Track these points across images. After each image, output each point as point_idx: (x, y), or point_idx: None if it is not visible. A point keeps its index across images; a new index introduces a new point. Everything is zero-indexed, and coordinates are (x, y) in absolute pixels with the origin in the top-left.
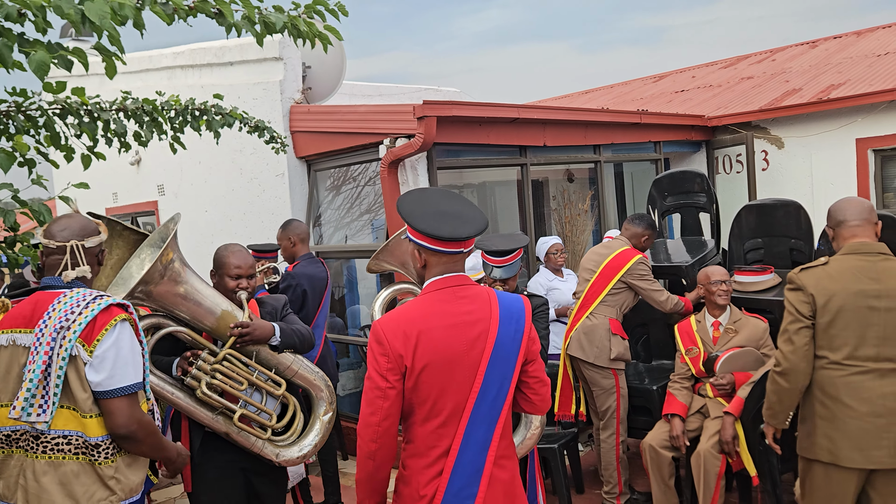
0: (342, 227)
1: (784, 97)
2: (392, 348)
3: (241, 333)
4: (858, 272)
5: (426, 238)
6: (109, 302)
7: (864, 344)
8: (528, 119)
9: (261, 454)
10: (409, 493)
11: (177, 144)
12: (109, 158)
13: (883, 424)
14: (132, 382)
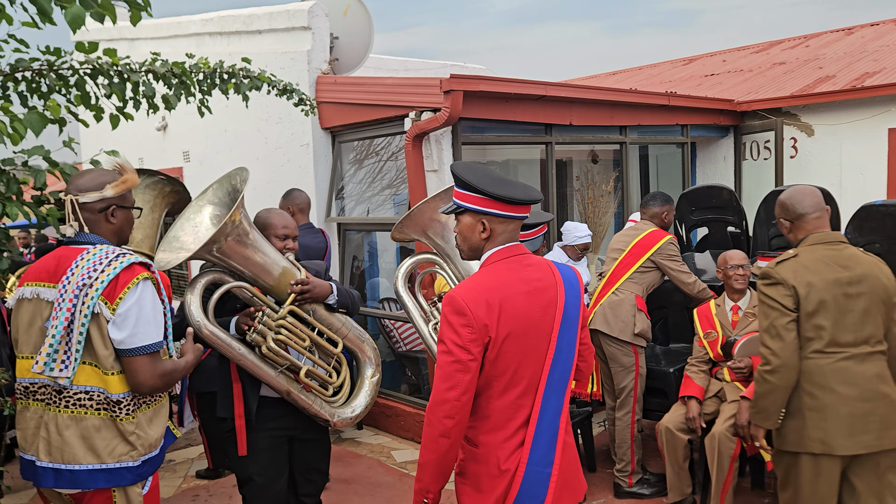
0: (364, 200)
1: (816, 84)
2: (476, 318)
3: (302, 290)
4: (829, 261)
5: (501, 204)
6: (132, 260)
7: (843, 330)
8: (554, 97)
9: (318, 415)
10: (486, 470)
11: (204, 108)
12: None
13: (869, 408)
14: (154, 341)
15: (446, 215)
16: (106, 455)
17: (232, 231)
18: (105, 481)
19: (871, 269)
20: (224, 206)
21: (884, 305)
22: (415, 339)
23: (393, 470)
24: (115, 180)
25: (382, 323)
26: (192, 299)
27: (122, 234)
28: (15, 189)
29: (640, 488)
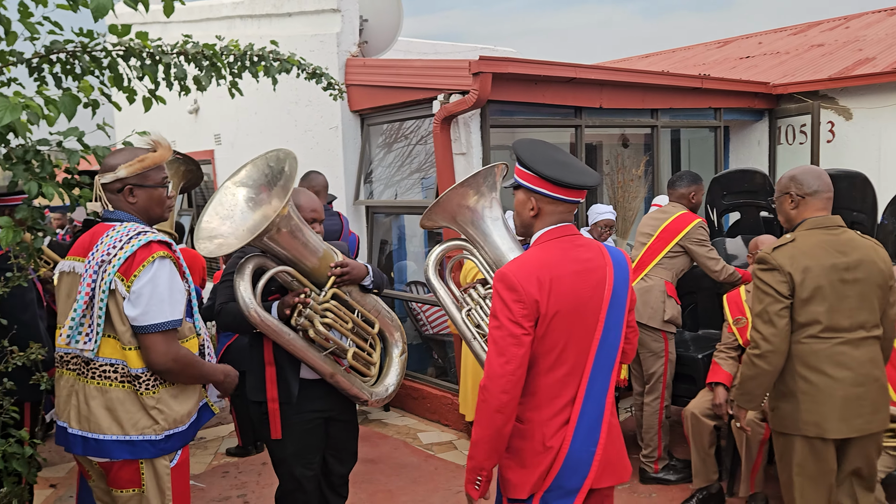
0: (392, 183)
1: (856, 66)
2: (527, 294)
3: (342, 273)
4: (827, 246)
5: (550, 185)
6: (150, 238)
7: (840, 315)
8: (584, 79)
9: (358, 395)
10: (530, 446)
11: (234, 89)
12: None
13: (862, 392)
14: (167, 319)
15: (475, 201)
16: (129, 427)
17: (282, 220)
18: (129, 453)
19: (868, 254)
20: (259, 189)
21: (880, 290)
22: (442, 322)
23: (419, 451)
24: (131, 160)
25: (410, 306)
26: (241, 284)
27: (149, 212)
28: (49, 170)
29: (665, 474)
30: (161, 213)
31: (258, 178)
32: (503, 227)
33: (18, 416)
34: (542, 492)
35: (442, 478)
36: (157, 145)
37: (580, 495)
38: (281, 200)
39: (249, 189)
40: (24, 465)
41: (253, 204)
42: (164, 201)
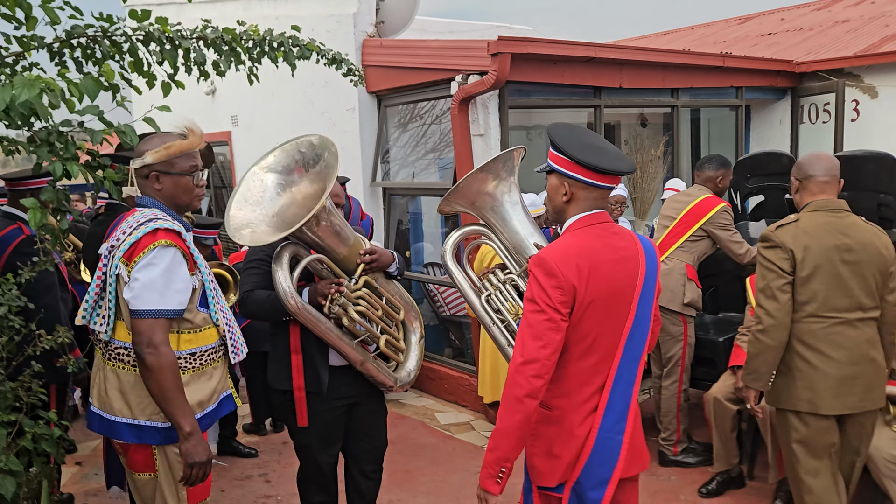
0: (408, 164)
1: (882, 43)
2: (566, 280)
3: (371, 260)
4: (830, 227)
5: (584, 170)
6: (156, 226)
7: (838, 296)
8: (604, 59)
9: (385, 381)
10: (558, 434)
11: (253, 76)
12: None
13: (857, 371)
14: (155, 308)
15: (494, 186)
16: (138, 411)
17: (322, 212)
18: (136, 437)
19: (871, 238)
20: (289, 175)
21: (880, 274)
22: (458, 303)
23: (436, 432)
24: (158, 146)
25: (426, 287)
26: (280, 272)
27: (175, 200)
28: (72, 151)
29: (685, 457)
30: (189, 202)
31: (289, 163)
32: (522, 211)
33: (46, 399)
34: (573, 482)
35: (460, 458)
36: (190, 132)
37: (611, 484)
38: (318, 189)
39: (279, 175)
40: (52, 445)
41: (282, 190)
42: (192, 189)
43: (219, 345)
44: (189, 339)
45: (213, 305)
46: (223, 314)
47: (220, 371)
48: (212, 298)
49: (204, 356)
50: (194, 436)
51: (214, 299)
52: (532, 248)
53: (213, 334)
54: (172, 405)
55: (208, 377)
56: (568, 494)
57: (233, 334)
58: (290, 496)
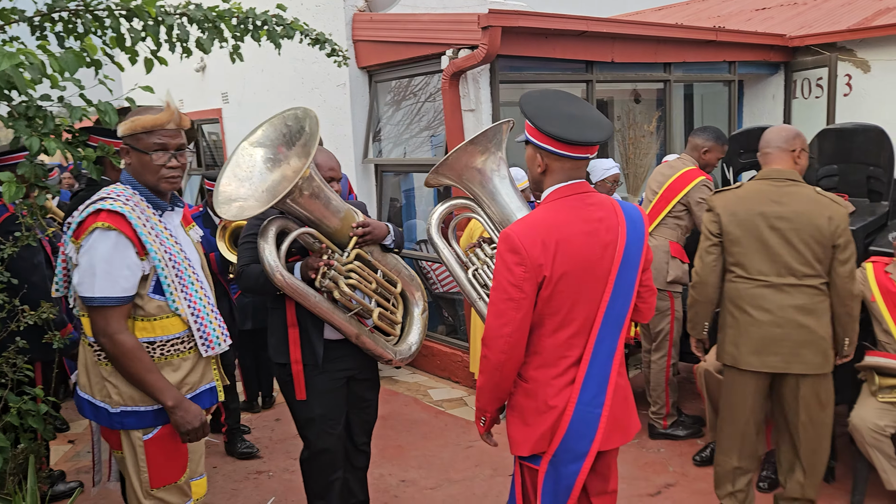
0: (401, 141)
1: (876, 16)
2: (530, 257)
3: (364, 233)
4: (764, 195)
5: (552, 141)
6: (100, 206)
7: (763, 259)
8: (596, 33)
9: (383, 355)
10: (533, 405)
11: (236, 55)
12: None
13: (780, 334)
14: (97, 295)
15: (483, 160)
16: (96, 391)
17: (304, 182)
18: (92, 415)
19: (807, 208)
20: (276, 149)
21: (817, 244)
22: (451, 280)
23: (429, 407)
24: (128, 119)
25: (419, 264)
26: (266, 246)
27: (142, 178)
28: (51, 126)
29: (674, 430)
30: (154, 183)
31: (276, 137)
32: (510, 185)
33: (32, 375)
34: (551, 455)
35: (452, 433)
36: (165, 107)
37: (588, 458)
38: (302, 161)
39: (267, 149)
40: (38, 421)
41: (272, 164)
42: (157, 170)
43: (187, 335)
44: (144, 328)
45: (171, 294)
46: (189, 302)
47: (190, 362)
48: (168, 285)
49: (165, 346)
50: (179, 407)
51: (173, 286)
52: None
53: (174, 324)
54: (146, 385)
55: (173, 368)
56: (545, 468)
57: (202, 324)
58: (281, 471)
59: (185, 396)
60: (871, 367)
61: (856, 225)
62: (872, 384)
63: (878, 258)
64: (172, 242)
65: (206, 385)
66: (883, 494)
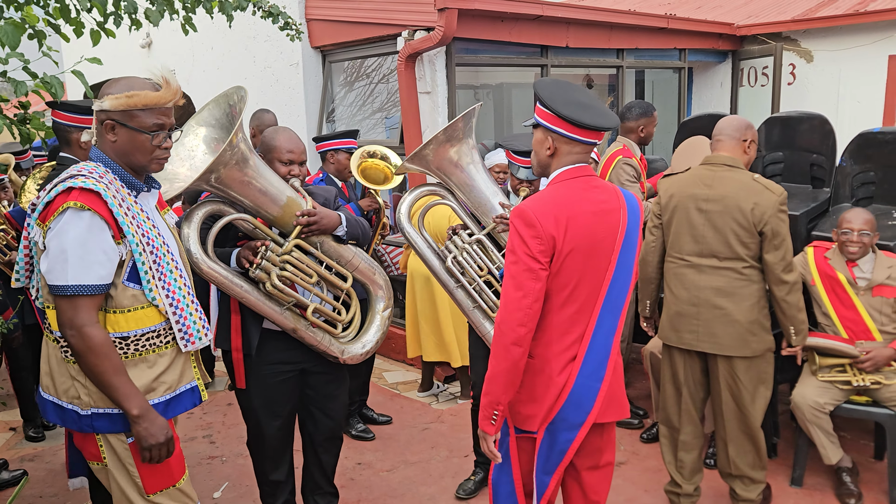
0: (355, 123)
1: (819, 7)
2: (545, 230)
3: (309, 222)
4: (698, 179)
5: (567, 125)
6: (71, 184)
7: (688, 240)
8: (551, 17)
9: (327, 352)
10: (540, 381)
11: (188, 26)
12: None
13: (694, 312)
14: (73, 283)
15: (457, 149)
16: (61, 392)
17: (230, 158)
18: (59, 419)
19: (733, 192)
20: (221, 129)
21: (742, 229)
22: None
23: (384, 390)
24: (121, 92)
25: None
26: (189, 233)
27: (129, 158)
28: None
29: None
30: (145, 163)
31: (220, 116)
32: (484, 171)
33: None
34: (548, 423)
35: (408, 415)
36: (165, 85)
37: (584, 428)
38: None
39: (211, 129)
40: None
41: (215, 144)
42: (151, 151)
43: (164, 328)
44: (115, 322)
45: (147, 282)
46: (168, 292)
47: (167, 358)
48: (145, 273)
49: (140, 341)
50: (144, 417)
51: (151, 273)
52: (498, 208)
53: (150, 315)
54: (112, 389)
55: (148, 365)
56: (542, 435)
57: (181, 317)
58: (234, 456)
59: (164, 398)
60: (811, 348)
61: (799, 210)
62: (813, 364)
63: (819, 243)
64: (150, 226)
65: (187, 385)
66: (822, 469)
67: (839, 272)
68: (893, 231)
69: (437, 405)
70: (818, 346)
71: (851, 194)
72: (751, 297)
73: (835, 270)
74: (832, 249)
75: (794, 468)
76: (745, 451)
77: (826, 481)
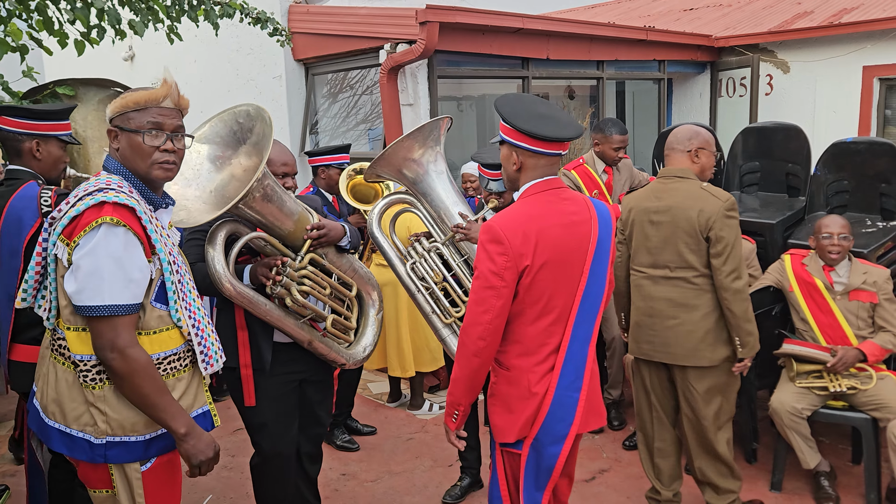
0: (339, 135)
1: (795, 20)
2: (512, 247)
3: (319, 235)
4: (651, 192)
5: (529, 139)
6: (103, 199)
7: (643, 252)
8: (532, 30)
9: (336, 359)
10: (517, 392)
11: (173, 35)
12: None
13: (650, 322)
14: (109, 303)
15: (421, 155)
16: (71, 419)
17: (257, 185)
18: (67, 448)
19: (681, 203)
20: (226, 147)
21: (689, 237)
22: None
23: (368, 401)
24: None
25: None
26: (214, 254)
27: (132, 164)
28: None
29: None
30: (145, 170)
31: (226, 134)
32: (447, 180)
33: None
34: (532, 439)
35: (392, 426)
36: (162, 83)
37: (569, 440)
38: (254, 161)
39: (215, 147)
40: None
41: (222, 165)
42: (149, 153)
43: (184, 350)
44: (141, 343)
45: (174, 302)
46: (189, 313)
47: (184, 382)
48: (173, 293)
49: (163, 364)
50: (191, 435)
51: (177, 293)
52: (457, 217)
53: (173, 337)
54: (157, 410)
55: (170, 388)
56: (527, 451)
57: (202, 338)
58: (218, 468)
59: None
60: (788, 355)
61: (775, 219)
62: (791, 370)
63: (796, 251)
64: (172, 244)
65: (200, 409)
66: (800, 473)
67: (817, 278)
68: (867, 238)
69: (421, 415)
70: (795, 353)
71: (826, 202)
72: (704, 307)
73: (812, 276)
74: (809, 256)
75: (774, 473)
76: (712, 459)
77: (805, 485)
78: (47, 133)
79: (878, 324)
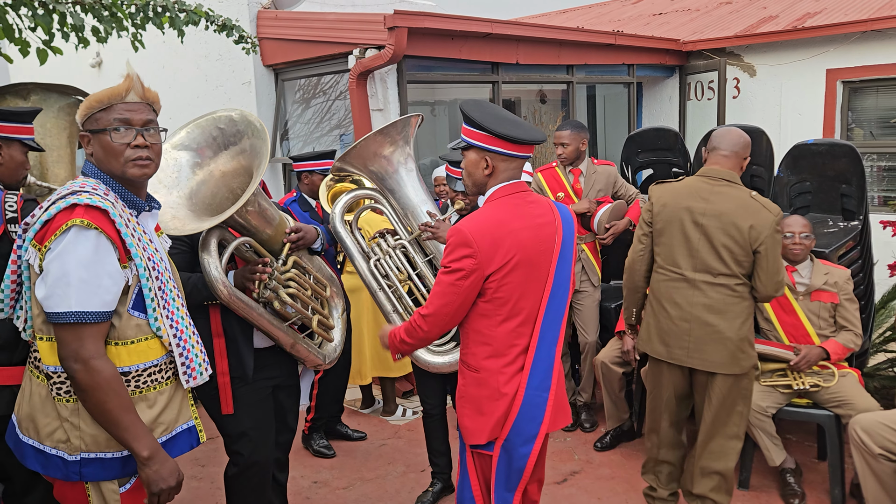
0: (311, 140)
1: (760, 24)
2: (481, 251)
3: (297, 238)
4: (695, 191)
5: (503, 142)
6: (74, 201)
7: (685, 255)
8: (501, 35)
9: (315, 360)
10: (487, 394)
11: (137, 43)
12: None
13: (686, 328)
14: (76, 310)
15: (391, 151)
16: (44, 435)
17: (254, 199)
18: (41, 466)
19: (732, 209)
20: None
21: (737, 246)
22: None
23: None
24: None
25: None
26: (209, 260)
27: (107, 166)
28: None
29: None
30: (119, 169)
31: (203, 140)
32: (416, 179)
33: None
34: (503, 440)
35: (365, 431)
36: (125, 78)
37: (538, 440)
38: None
39: (193, 153)
40: None
41: (198, 169)
42: (119, 152)
43: (165, 362)
44: (117, 355)
45: (153, 310)
46: (171, 322)
47: (166, 396)
48: (151, 300)
49: (142, 377)
50: (154, 460)
51: (157, 301)
52: (424, 215)
53: (153, 347)
54: (120, 428)
55: (148, 404)
56: (498, 452)
57: (184, 349)
58: (188, 479)
59: (161, 440)
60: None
61: None
62: (756, 369)
63: None
64: (153, 249)
65: (185, 424)
66: (767, 471)
67: None
68: (829, 238)
69: (395, 420)
70: (758, 352)
71: (789, 204)
72: (741, 315)
73: None
74: None
75: (741, 471)
76: (714, 474)
77: (772, 483)
78: (10, 136)
79: (839, 323)
